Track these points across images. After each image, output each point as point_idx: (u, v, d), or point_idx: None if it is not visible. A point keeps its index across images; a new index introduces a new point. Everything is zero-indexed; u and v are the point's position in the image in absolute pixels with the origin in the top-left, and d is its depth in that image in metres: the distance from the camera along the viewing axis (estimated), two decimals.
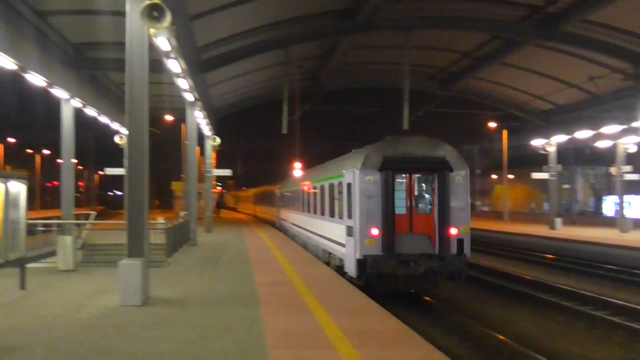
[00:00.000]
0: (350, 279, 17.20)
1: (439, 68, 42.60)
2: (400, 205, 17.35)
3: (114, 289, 13.64)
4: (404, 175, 17.54)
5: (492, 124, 56.70)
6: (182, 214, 26.43)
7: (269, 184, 56.30)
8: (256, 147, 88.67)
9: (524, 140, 52.58)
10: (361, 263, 16.93)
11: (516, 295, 19.92)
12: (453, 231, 17.12)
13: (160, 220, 20.74)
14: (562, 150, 45.16)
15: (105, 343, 8.73)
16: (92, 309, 11.41)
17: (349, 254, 17.64)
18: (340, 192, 18.96)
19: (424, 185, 17.74)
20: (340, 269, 18.70)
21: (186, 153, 31.46)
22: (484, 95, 46.93)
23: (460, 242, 17.13)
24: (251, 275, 16.69)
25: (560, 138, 40.74)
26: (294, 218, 31.56)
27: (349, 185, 17.88)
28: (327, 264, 20.66)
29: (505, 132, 54.92)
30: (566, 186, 55.56)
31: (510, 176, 68.74)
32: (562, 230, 38.34)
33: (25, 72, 18.61)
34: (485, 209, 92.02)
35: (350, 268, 17.51)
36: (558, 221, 40.62)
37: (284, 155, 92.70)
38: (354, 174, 17.45)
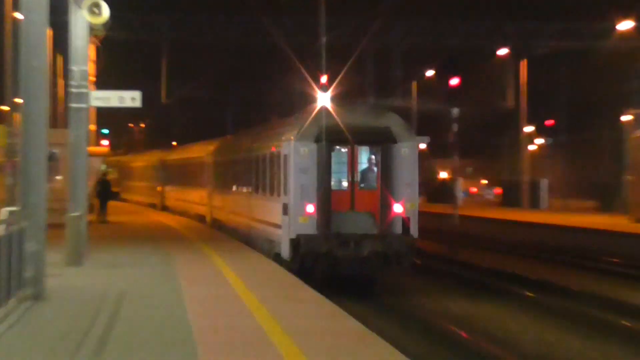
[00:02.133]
0: (287, 266, 23.65)
1: None
2: (341, 180, 24.59)
3: None
4: (345, 147, 24.59)
5: None
6: (3, 212, 15.99)
7: (195, 144, 49.16)
8: (207, 37, 55.26)
9: None
10: (294, 243, 23.57)
11: None
12: (397, 208, 23.31)
13: None
14: None
15: None
16: None
17: (284, 235, 24.27)
18: (278, 165, 25.81)
19: (373, 157, 24.43)
20: (279, 257, 25.09)
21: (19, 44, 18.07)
22: None
23: (405, 220, 23.52)
24: None
25: None
26: (235, 203, 34.83)
27: (285, 157, 24.62)
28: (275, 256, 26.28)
29: None
30: None
31: None
32: None
33: None
34: None
35: (284, 249, 24.10)
36: None
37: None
38: (289, 145, 24.33)
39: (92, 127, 39.29)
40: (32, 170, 16.93)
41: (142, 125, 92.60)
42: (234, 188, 34.33)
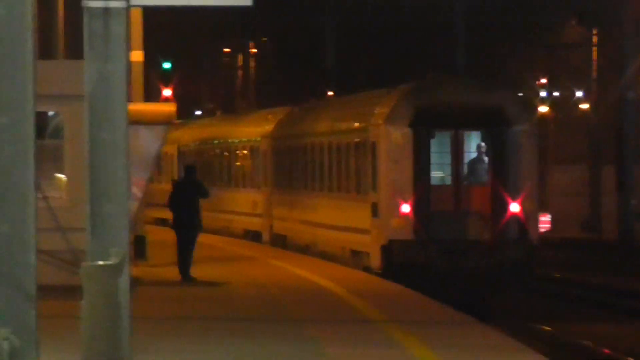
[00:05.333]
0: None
1: None
2: (443, 173, 21.38)
3: None
4: (448, 131, 20.86)
5: None
6: None
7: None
8: None
9: None
10: (386, 251, 20.13)
11: None
12: (514, 208, 20.37)
13: None
14: None
15: None
16: None
17: (373, 241, 20.76)
18: (363, 155, 22.13)
19: (483, 144, 21.21)
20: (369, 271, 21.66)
21: None
22: None
23: (523, 223, 20.73)
24: None
25: None
26: (306, 209, 27.59)
27: (373, 145, 21.40)
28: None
29: None
30: None
31: None
32: None
33: None
34: None
35: (374, 259, 20.64)
36: None
37: None
38: (378, 129, 21.05)
39: (138, 55, 25.26)
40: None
41: (253, 50, 49.20)
42: (304, 186, 27.66)
